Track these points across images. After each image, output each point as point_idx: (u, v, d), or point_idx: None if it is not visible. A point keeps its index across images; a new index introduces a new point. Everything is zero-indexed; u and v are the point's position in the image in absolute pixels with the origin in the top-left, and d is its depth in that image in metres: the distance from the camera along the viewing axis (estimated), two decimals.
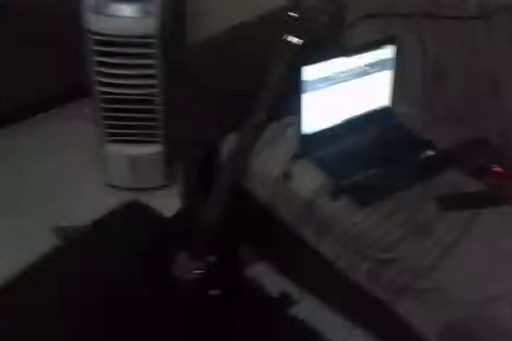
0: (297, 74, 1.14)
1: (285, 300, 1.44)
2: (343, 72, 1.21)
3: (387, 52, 1.29)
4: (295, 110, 1.21)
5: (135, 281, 1.37)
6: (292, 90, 1.18)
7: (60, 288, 1.40)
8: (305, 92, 1.17)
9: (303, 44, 1.07)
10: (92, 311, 1.34)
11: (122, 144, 1.57)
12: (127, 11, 1.33)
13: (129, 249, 1.48)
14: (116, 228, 1.57)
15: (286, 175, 1.18)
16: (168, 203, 1.63)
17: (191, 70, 1.28)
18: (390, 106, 1.37)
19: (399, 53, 1.31)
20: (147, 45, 1.37)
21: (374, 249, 1.09)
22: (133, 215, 1.63)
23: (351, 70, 1.22)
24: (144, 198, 1.69)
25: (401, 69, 1.34)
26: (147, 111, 1.49)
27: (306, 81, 1.16)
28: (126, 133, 1.54)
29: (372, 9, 1.43)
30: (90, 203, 1.67)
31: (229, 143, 1.25)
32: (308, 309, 1.41)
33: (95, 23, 1.33)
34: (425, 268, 1.03)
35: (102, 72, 1.39)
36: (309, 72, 1.15)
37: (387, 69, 1.31)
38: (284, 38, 1.08)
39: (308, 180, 1.16)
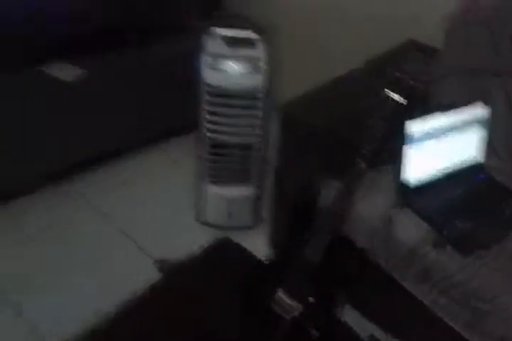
0: (401, 127, 1.23)
1: None
2: (440, 127, 1.30)
3: (479, 108, 1.37)
4: (395, 160, 1.30)
5: (230, 317, 1.45)
6: (391, 141, 1.27)
7: (159, 320, 1.49)
8: (406, 144, 1.26)
9: (406, 102, 1.17)
10: None
11: (219, 185, 1.70)
12: (238, 67, 1.48)
13: (224, 286, 1.57)
14: (211, 264, 1.67)
15: (387, 222, 1.25)
16: (257, 242, 1.74)
17: (296, 119, 1.40)
18: (482, 159, 1.44)
19: (489, 109, 1.38)
20: (254, 98, 1.51)
21: (474, 298, 1.13)
22: (225, 253, 1.73)
23: (447, 125, 1.31)
24: (235, 236, 1.80)
25: (490, 125, 1.41)
26: (247, 156, 1.62)
27: (407, 134, 1.25)
28: (225, 175, 1.66)
29: (456, 67, 1.52)
30: (184, 238, 1.79)
31: (330, 189, 1.34)
32: None
33: (210, 77, 1.48)
34: None
35: (211, 120, 1.54)
36: (411, 126, 1.25)
37: (478, 124, 1.39)
38: (386, 94, 1.18)
39: (410, 228, 1.23)
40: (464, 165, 1.41)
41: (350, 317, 1.50)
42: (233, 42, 1.53)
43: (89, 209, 1.90)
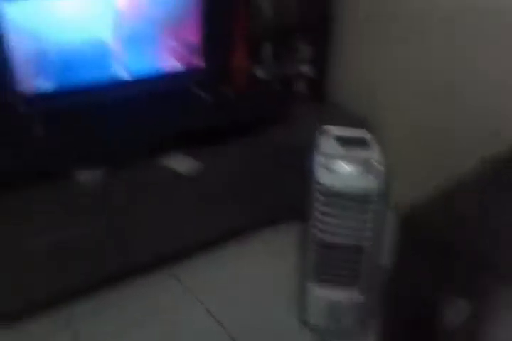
0: None
1: None
2: None
3: None
4: None
5: None
6: None
7: None
8: None
9: None
10: None
11: (324, 286, 1.61)
12: (352, 168, 1.46)
13: None
14: None
15: None
16: None
17: (417, 224, 1.32)
18: None
19: None
20: (368, 200, 1.45)
21: None
22: None
23: None
24: None
25: None
26: (357, 259, 1.54)
27: None
28: (332, 276, 1.58)
29: None
30: (285, 339, 1.70)
31: (456, 306, 1.21)
32: None
33: (323, 176, 1.46)
34: None
35: (322, 219, 1.50)
36: None
37: None
38: None
39: None
40: None
41: None
42: (346, 141, 1.53)
43: (189, 300, 1.87)
